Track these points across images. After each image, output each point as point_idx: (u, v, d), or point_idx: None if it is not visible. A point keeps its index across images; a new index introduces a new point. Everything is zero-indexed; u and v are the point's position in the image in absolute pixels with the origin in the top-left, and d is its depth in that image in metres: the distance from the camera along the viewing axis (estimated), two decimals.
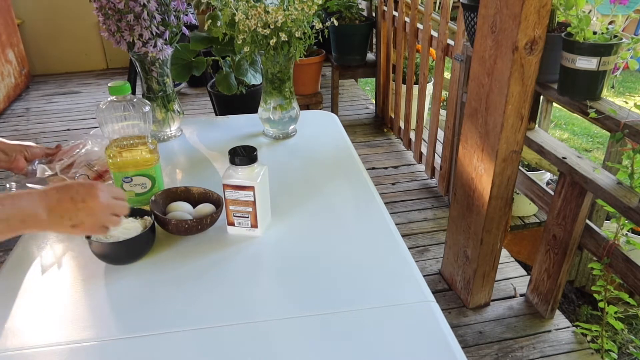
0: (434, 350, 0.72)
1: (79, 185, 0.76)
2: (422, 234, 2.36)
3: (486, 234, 1.72)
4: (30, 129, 3.58)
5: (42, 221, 0.71)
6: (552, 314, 1.84)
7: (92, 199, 0.75)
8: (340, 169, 1.21)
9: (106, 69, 4.79)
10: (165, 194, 1.01)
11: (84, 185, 0.76)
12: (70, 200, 0.73)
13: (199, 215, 0.96)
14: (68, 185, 0.75)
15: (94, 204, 0.75)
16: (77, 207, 0.74)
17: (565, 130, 4.19)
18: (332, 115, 1.52)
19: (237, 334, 0.75)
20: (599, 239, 1.57)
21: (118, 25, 1.21)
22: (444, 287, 2.02)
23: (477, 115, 1.62)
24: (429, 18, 2.54)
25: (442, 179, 2.63)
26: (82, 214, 0.74)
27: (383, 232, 0.97)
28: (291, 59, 1.25)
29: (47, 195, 0.73)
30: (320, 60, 3.34)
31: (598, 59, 1.36)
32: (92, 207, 0.75)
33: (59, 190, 0.74)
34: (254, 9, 1.17)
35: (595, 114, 1.39)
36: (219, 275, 0.87)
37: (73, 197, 0.74)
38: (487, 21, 1.49)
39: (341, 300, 0.80)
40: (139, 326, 0.76)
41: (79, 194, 0.74)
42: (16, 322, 0.78)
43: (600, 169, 1.51)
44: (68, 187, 0.75)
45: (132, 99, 0.99)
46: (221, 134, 1.41)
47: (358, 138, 3.31)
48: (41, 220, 0.71)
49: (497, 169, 1.58)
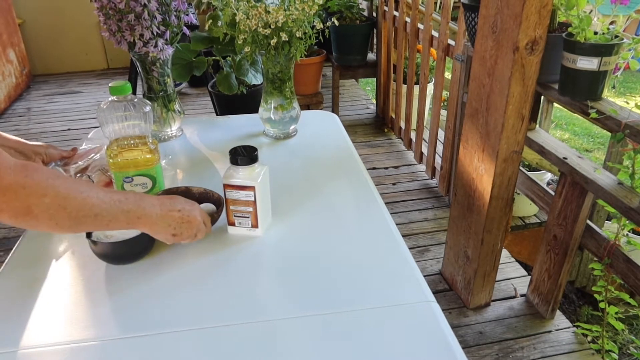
0: (435, 350, 0.72)
1: (185, 201, 0.86)
2: (423, 234, 2.36)
3: (487, 234, 1.71)
4: (31, 129, 3.58)
5: (153, 223, 0.80)
6: (552, 314, 1.84)
7: (193, 216, 0.85)
8: (341, 169, 1.21)
9: (107, 68, 4.80)
10: (165, 194, 1.01)
11: (189, 203, 0.86)
12: (178, 212, 0.83)
13: None
14: (178, 199, 0.85)
15: (194, 220, 0.85)
16: (182, 220, 0.83)
17: (566, 130, 4.18)
18: (332, 115, 1.52)
19: (237, 334, 0.75)
20: (600, 240, 1.57)
21: (119, 25, 1.21)
22: (445, 287, 2.02)
23: (478, 116, 1.62)
24: (430, 18, 2.54)
25: (442, 179, 2.63)
26: (183, 227, 0.83)
27: (383, 232, 0.97)
28: (292, 59, 1.25)
29: (162, 203, 0.82)
30: (321, 60, 3.34)
31: (599, 59, 1.36)
32: (191, 222, 0.84)
33: (172, 200, 0.84)
34: (254, 9, 1.17)
35: (596, 114, 1.39)
36: (219, 275, 0.87)
37: (180, 210, 0.83)
38: (488, 21, 1.49)
39: (342, 300, 0.80)
40: (139, 326, 0.76)
41: (185, 209, 0.84)
42: (16, 322, 0.78)
43: (601, 169, 1.51)
44: (177, 201, 0.85)
45: (133, 98, 0.99)
46: (222, 134, 1.41)
47: (359, 138, 3.31)
48: (152, 222, 0.80)
49: (497, 169, 1.58)
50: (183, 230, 0.83)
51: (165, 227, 0.81)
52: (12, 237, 2.40)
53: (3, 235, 2.44)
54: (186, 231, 0.84)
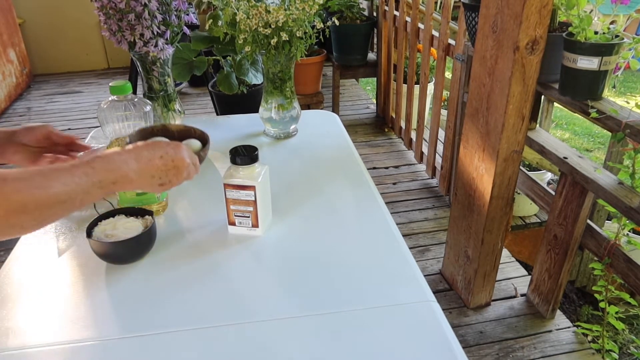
0: (435, 350, 0.72)
1: (167, 144, 0.77)
2: (423, 234, 2.36)
3: (487, 233, 1.71)
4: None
5: (133, 180, 0.71)
6: (553, 314, 1.84)
7: (179, 159, 0.76)
8: (341, 168, 1.21)
9: (107, 68, 4.80)
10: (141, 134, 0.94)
11: (171, 145, 0.77)
12: (160, 159, 0.74)
13: None
14: (157, 144, 0.76)
15: (181, 164, 0.77)
16: (167, 167, 0.75)
17: (566, 130, 4.18)
18: (333, 115, 1.52)
19: (237, 334, 0.75)
20: (600, 239, 1.56)
21: (119, 25, 1.21)
22: (445, 287, 2.02)
23: (478, 115, 1.62)
24: (430, 18, 2.54)
25: (443, 179, 2.63)
26: (170, 174, 0.75)
27: (384, 232, 0.97)
28: (292, 58, 1.25)
29: (137, 155, 0.72)
30: (321, 60, 3.34)
31: (599, 58, 1.36)
32: (179, 166, 0.76)
33: (149, 148, 0.74)
34: (255, 9, 1.17)
35: (597, 114, 1.39)
36: (220, 275, 0.87)
37: (163, 157, 0.74)
38: (488, 21, 1.49)
39: (342, 300, 0.80)
40: (139, 326, 0.76)
41: (168, 154, 0.75)
42: (16, 322, 0.78)
43: (602, 169, 1.51)
44: (157, 146, 0.75)
45: (133, 98, 1.00)
46: (222, 134, 1.41)
47: (359, 138, 3.31)
48: (131, 180, 0.71)
49: (498, 169, 1.58)
50: (171, 178, 0.76)
51: (149, 179, 0.74)
52: None
53: None
54: (174, 177, 0.77)
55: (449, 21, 2.37)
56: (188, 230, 0.99)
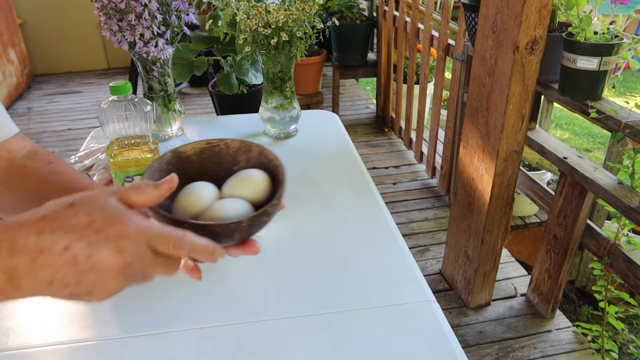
0: (435, 350, 0.72)
1: (89, 220, 0.40)
2: (423, 234, 2.36)
3: (487, 233, 1.72)
4: (31, 129, 3.59)
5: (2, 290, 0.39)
6: (552, 313, 1.84)
7: (111, 252, 0.40)
8: (341, 168, 1.21)
9: (107, 68, 4.80)
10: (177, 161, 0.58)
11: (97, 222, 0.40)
12: (63, 251, 0.39)
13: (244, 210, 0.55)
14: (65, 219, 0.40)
15: (109, 265, 0.41)
16: (78, 268, 0.39)
17: (566, 130, 4.18)
18: (333, 115, 1.52)
19: (237, 334, 0.75)
20: (600, 239, 1.57)
21: (119, 25, 1.22)
22: (445, 286, 2.02)
23: (478, 115, 1.62)
24: (430, 18, 2.54)
25: (442, 179, 2.63)
26: (88, 279, 0.40)
27: (384, 232, 0.97)
28: (292, 58, 1.25)
29: (15, 241, 0.38)
30: (321, 60, 3.34)
31: (599, 59, 1.36)
32: (104, 270, 0.40)
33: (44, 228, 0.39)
34: (255, 9, 1.17)
35: (596, 114, 1.39)
36: (219, 275, 0.87)
37: (69, 247, 0.39)
38: (488, 21, 1.49)
39: (341, 300, 0.80)
40: (139, 326, 0.76)
41: (83, 241, 0.39)
42: (16, 321, 0.78)
43: (601, 169, 1.51)
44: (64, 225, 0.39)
45: (134, 98, 1.00)
46: (222, 134, 1.41)
47: (359, 138, 3.31)
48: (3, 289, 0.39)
49: (497, 169, 1.58)
50: (89, 287, 0.41)
51: (44, 287, 0.39)
52: None
53: None
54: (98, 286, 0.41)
55: (449, 21, 2.37)
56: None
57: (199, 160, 0.60)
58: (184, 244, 0.44)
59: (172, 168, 0.58)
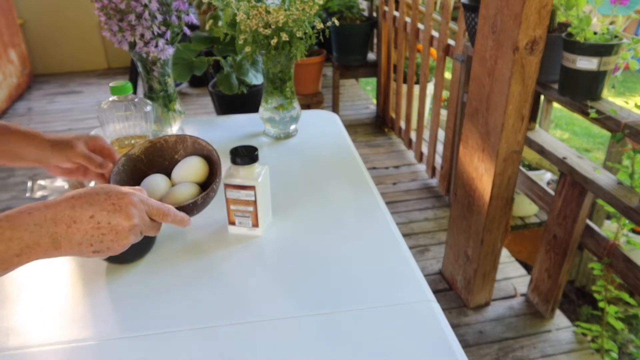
0: (435, 349, 0.72)
1: (106, 198, 0.56)
2: (423, 234, 2.36)
3: (487, 233, 1.72)
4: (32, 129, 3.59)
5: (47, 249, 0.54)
6: (552, 313, 1.84)
7: (121, 218, 0.57)
8: (341, 168, 1.22)
9: (107, 68, 4.80)
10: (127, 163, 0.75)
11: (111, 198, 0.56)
12: (90, 220, 0.55)
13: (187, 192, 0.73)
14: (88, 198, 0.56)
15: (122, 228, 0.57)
16: (101, 231, 0.56)
17: (565, 130, 4.19)
18: (333, 115, 1.52)
19: (237, 334, 0.75)
20: (600, 239, 1.57)
21: (119, 25, 1.22)
22: (445, 286, 2.02)
23: (478, 115, 1.62)
24: (430, 18, 2.54)
25: (442, 179, 2.63)
26: (107, 239, 0.56)
27: (384, 232, 0.97)
28: (292, 59, 1.25)
29: (56, 214, 0.54)
30: (321, 60, 3.34)
31: (599, 59, 1.37)
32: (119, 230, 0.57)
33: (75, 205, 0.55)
34: (255, 9, 1.17)
35: (596, 114, 1.39)
36: (220, 275, 0.87)
37: (94, 217, 0.55)
38: (488, 21, 1.49)
39: (341, 300, 0.81)
40: (139, 326, 0.77)
41: (103, 212, 0.56)
42: (16, 321, 0.78)
43: (601, 169, 1.51)
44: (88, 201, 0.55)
45: (134, 98, 1.00)
46: (222, 134, 1.41)
47: (359, 138, 3.31)
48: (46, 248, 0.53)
49: (497, 169, 1.58)
50: (109, 244, 0.57)
51: (75, 247, 0.55)
52: None
53: None
54: (114, 244, 0.57)
55: (449, 21, 2.37)
56: (188, 229, 0.99)
57: (147, 157, 0.76)
58: (170, 214, 0.65)
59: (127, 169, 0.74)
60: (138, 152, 0.75)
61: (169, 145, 0.76)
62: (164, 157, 0.77)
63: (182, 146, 0.77)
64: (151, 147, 0.76)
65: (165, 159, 0.77)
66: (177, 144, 0.77)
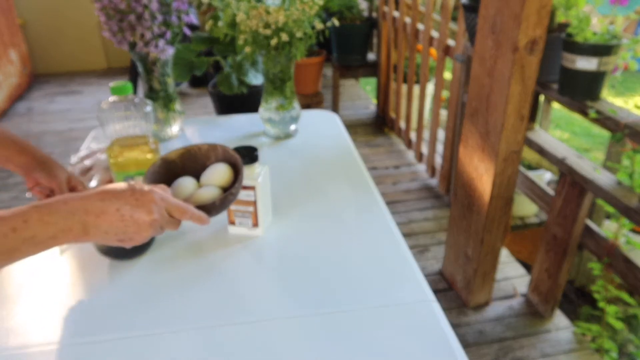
0: (435, 349, 0.72)
1: (131, 194, 0.63)
2: (423, 234, 2.36)
3: (487, 233, 1.72)
4: (32, 129, 3.59)
5: (79, 235, 0.61)
6: (552, 313, 1.84)
7: (143, 214, 0.63)
8: (341, 168, 1.22)
9: (107, 68, 4.80)
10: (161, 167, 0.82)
11: (136, 195, 0.63)
12: (116, 212, 0.62)
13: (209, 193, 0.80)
14: (116, 193, 0.63)
15: (144, 220, 0.64)
16: (125, 223, 0.62)
17: (565, 130, 4.19)
18: (333, 115, 1.52)
19: (237, 334, 0.75)
20: (599, 239, 1.57)
21: (120, 26, 1.22)
22: (445, 286, 2.02)
23: (478, 116, 1.62)
24: (430, 18, 2.55)
25: (442, 179, 2.63)
26: (130, 230, 0.63)
27: (384, 232, 0.97)
28: (292, 59, 1.26)
29: (88, 205, 0.61)
30: (321, 60, 3.35)
31: (598, 59, 1.37)
32: (140, 224, 0.64)
33: (105, 198, 0.62)
34: (255, 10, 1.17)
35: (596, 114, 1.39)
36: (220, 275, 0.87)
37: (119, 210, 0.62)
38: (488, 22, 1.49)
39: (342, 300, 0.81)
40: (139, 326, 0.77)
41: (127, 206, 0.62)
42: (17, 321, 0.78)
43: (601, 169, 1.52)
44: (115, 195, 0.63)
45: (134, 98, 1.00)
46: (222, 134, 1.41)
47: (359, 138, 3.32)
48: (78, 234, 0.61)
49: (497, 169, 1.58)
50: (131, 235, 0.64)
51: (102, 234, 0.62)
52: None
53: None
54: (136, 235, 0.64)
55: (449, 22, 2.37)
56: (188, 229, 0.99)
57: (181, 162, 0.85)
58: (188, 212, 0.69)
59: (162, 170, 0.82)
60: (174, 157, 0.84)
61: (202, 152, 0.85)
62: (197, 162, 0.85)
63: (214, 154, 0.85)
64: (186, 153, 0.85)
65: (198, 164, 0.85)
66: (209, 152, 0.85)
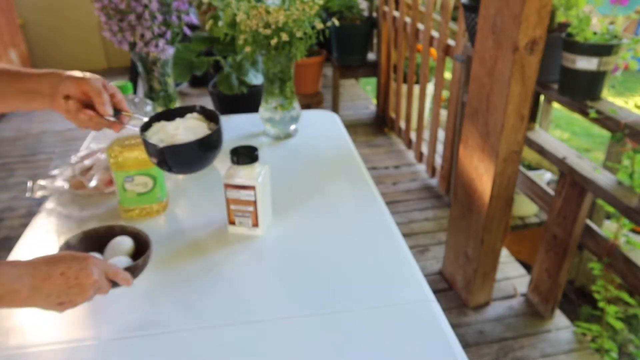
0: (435, 349, 0.72)
1: (72, 259, 0.69)
2: (423, 234, 2.36)
3: (487, 233, 1.72)
4: (32, 129, 3.59)
5: (25, 298, 0.64)
6: (552, 313, 1.84)
7: (85, 276, 0.68)
8: (341, 168, 1.22)
9: (107, 68, 4.80)
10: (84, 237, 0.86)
11: (77, 260, 0.69)
12: (60, 275, 0.66)
13: None
14: (59, 258, 0.68)
15: (86, 281, 0.68)
16: (69, 285, 0.67)
17: (565, 130, 4.19)
18: (333, 114, 1.52)
19: (237, 334, 0.75)
20: (599, 239, 1.57)
21: (120, 26, 1.22)
22: (445, 286, 2.02)
23: (478, 116, 1.62)
24: (430, 18, 2.55)
25: (442, 179, 2.63)
26: (72, 292, 0.67)
27: (384, 232, 0.97)
28: (292, 59, 1.26)
29: (34, 269, 0.66)
30: (321, 60, 3.35)
31: (598, 59, 1.37)
32: (84, 284, 0.68)
33: (49, 263, 0.67)
34: (255, 9, 1.17)
35: (596, 114, 1.39)
36: (220, 275, 0.87)
37: (64, 273, 0.67)
38: (488, 22, 1.49)
39: (342, 300, 0.81)
40: (139, 326, 0.77)
41: (71, 270, 0.67)
42: (17, 321, 0.78)
43: (601, 169, 1.52)
44: (59, 261, 0.68)
45: (134, 98, 1.00)
46: None
47: (359, 138, 3.32)
48: (23, 296, 0.64)
49: (497, 169, 1.58)
50: (72, 297, 0.67)
51: (44, 297, 0.66)
52: (13, 238, 2.40)
53: (4, 236, 2.44)
54: (77, 297, 0.68)
55: (449, 22, 2.37)
56: (188, 229, 0.99)
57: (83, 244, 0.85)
58: (119, 273, 0.74)
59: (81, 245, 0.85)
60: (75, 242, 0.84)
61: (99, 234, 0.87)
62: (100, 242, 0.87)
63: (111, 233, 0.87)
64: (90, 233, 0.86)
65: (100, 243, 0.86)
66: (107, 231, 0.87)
